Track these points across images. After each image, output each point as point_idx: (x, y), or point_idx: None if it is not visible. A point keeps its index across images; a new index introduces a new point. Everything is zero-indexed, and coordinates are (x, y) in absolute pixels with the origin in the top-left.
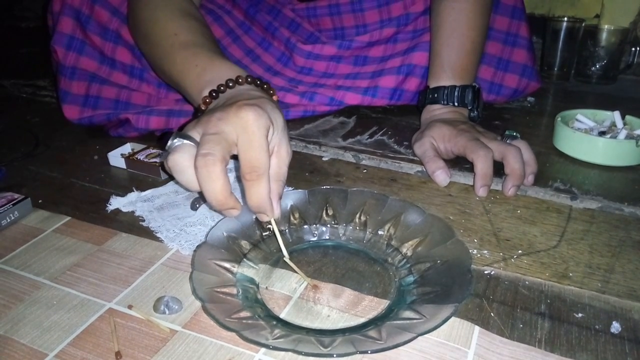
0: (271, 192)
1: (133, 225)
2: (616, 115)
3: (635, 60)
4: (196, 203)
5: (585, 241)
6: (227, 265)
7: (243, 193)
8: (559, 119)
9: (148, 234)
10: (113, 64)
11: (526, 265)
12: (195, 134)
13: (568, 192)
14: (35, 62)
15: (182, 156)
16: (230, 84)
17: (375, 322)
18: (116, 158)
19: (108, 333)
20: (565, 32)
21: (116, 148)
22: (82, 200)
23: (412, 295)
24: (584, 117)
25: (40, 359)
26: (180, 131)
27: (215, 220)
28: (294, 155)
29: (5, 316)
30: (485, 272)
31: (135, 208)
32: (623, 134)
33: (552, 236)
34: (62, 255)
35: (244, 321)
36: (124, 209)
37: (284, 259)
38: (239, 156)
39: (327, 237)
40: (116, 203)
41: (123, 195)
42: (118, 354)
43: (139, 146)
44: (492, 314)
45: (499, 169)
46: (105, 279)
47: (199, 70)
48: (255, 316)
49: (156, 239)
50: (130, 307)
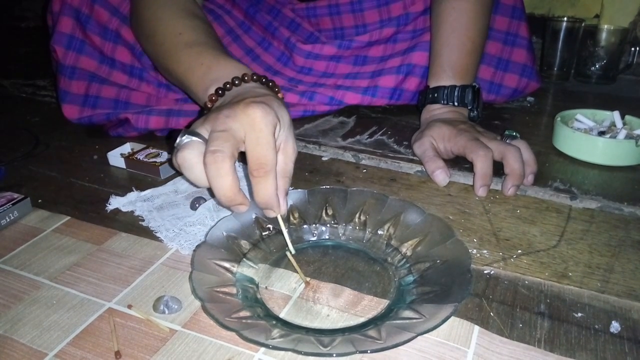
0: (278, 189)
1: (132, 225)
2: (616, 115)
3: (635, 60)
4: (196, 203)
5: (585, 241)
6: (227, 264)
7: (250, 189)
8: (559, 118)
9: (147, 233)
10: (113, 63)
11: (526, 265)
12: (204, 131)
13: (568, 192)
14: (35, 62)
15: (191, 153)
16: (237, 82)
17: (374, 322)
18: (116, 158)
19: (108, 333)
20: (565, 32)
21: (116, 148)
22: (82, 200)
23: (412, 295)
24: (584, 117)
25: (40, 359)
26: (189, 128)
27: (215, 220)
28: None
29: (4, 316)
30: (485, 272)
31: (134, 208)
32: (622, 134)
33: (552, 236)
34: (62, 255)
35: (244, 321)
36: (124, 209)
37: (286, 254)
38: (247, 153)
39: (327, 237)
40: (116, 203)
41: (123, 195)
42: (118, 354)
43: (138, 146)
44: (492, 313)
45: (498, 169)
46: (104, 278)
47: (205, 69)
48: (254, 316)
49: (156, 238)
50: (129, 307)
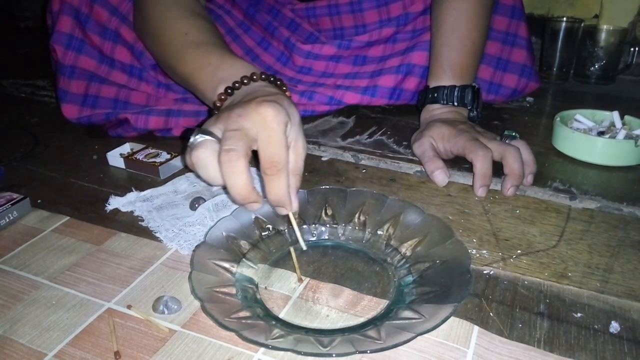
0: (289, 187)
1: (132, 225)
2: (615, 115)
3: (634, 60)
4: (195, 203)
5: (584, 241)
6: (226, 265)
7: (262, 188)
8: (558, 119)
9: (147, 233)
10: (112, 63)
11: (525, 265)
12: (217, 130)
13: (567, 192)
14: (34, 62)
15: (205, 152)
16: (245, 81)
17: (374, 322)
18: (115, 158)
19: (107, 333)
20: (565, 33)
21: (115, 148)
22: (81, 200)
23: (411, 295)
24: (583, 117)
25: (39, 359)
26: (201, 127)
27: (214, 220)
28: None
29: (4, 316)
30: (485, 272)
31: (134, 208)
32: (622, 134)
33: (551, 236)
34: (61, 255)
35: (243, 321)
36: (123, 209)
37: (290, 249)
38: (259, 152)
39: (327, 237)
40: (115, 203)
41: (122, 195)
42: (117, 354)
43: (138, 146)
44: (491, 313)
45: (498, 169)
46: (104, 278)
47: (212, 69)
48: (254, 316)
49: (155, 238)
50: (129, 307)
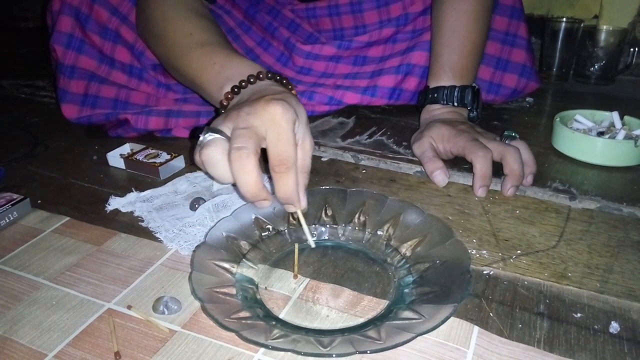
0: (298, 184)
1: (132, 225)
2: (615, 115)
3: (634, 60)
4: (195, 203)
5: (584, 241)
6: (227, 265)
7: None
8: (558, 119)
9: (147, 234)
10: (112, 63)
11: (525, 266)
12: (226, 129)
13: (567, 193)
14: (34, 63)
15: (215, 150)
16: (252, 80)
17: (374, 322)
18: (115, 158)
19: (107, 333)
20: (564, 33)
21: (115, 148)
22: (81, 200)
23: (411, 296)
24: (583, 118)
25: None
26: (209, 126)
27: (214, 221)
28: None
29: (4, 316)
30: (484, 272)
31: (134, 208)
32: (622, 135)
33: (551, 236)
34: (61, 255)
35: (243, 321)
36: (123, 209)
37: (294, 245)
38: (268, 149)
39: (327, 238)
40: (115, 203)
41: (122, 195)
42: (117, 354)
43: (138, 146)
44: (491, 314)
45: (498, 170)
46: (104, 279)
47: (218, 68)
48: (254, 316)
49: (155, 239)
50: (129, 308)
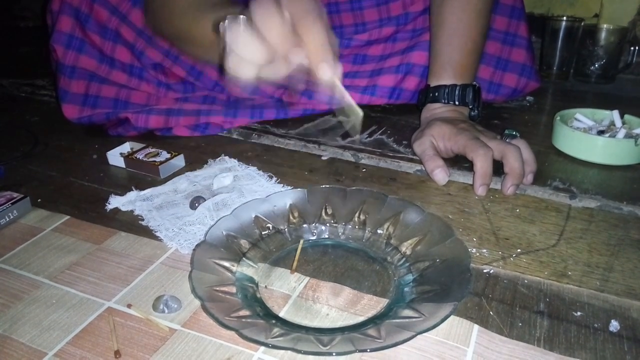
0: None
1: (132, 224)
2: (615, 114)
3: (634, 59)
4: (195, 202)
5: (584, 240)
6: (227, 264)
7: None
8: (558, 118)
9: (147, 233)
10: (112, 62)
11: (525, 264)
12: (246, 14)
13: (567, 191)
14: (34, 62)
15: (240, 27)
16: None
17: (374, 321)
18: (115, 157)
19: (107, 332)
20: (565, 32)
21: (115, 147)
22: (81, 199)
23: (411, 294)
24: (583, 116)
25: (40, 358)
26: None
27: (214, 220)
28: (293, 155)
29: (4, 315)
30: (484, 271)
31: (134, 207)
32: (622, 133)
33: (551, 235)
34: (61, 254)
35: (243, 320)
36: (123, 208)
37: (300, 243)
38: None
39: (327, 236)
40: (115, 202)
41: (122, 194)
42: (117, 353)
43: (138, 145)
44: (491, 312)
45: (498, 168)
46: (104, 278)
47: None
48: (254, 315)
49: (155, 238)
50: (129, 306)
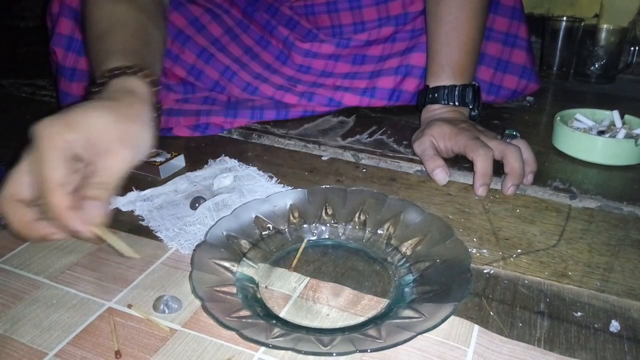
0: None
1: (132, 224)
2: (615, 114)
3: (634, 59)
4: (195, 202)
5: (585, 240)
6: (227, 264)
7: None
8: (558, 118)
9: (147, 233)
10: None
11: (525, 264)
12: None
13: (567, 192)
14: (34, 62)
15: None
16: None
17: (374, 321)
18: None
19: (108, 332)
20: (564, 32)
21: None
22: None
23: (412, 294)
24: (583, 117)
25: (40, 358)
26: None
27: (215, 220)
28: (293, 155)
29: (4, 315)
30: (485, 271)
31: (134, 207)
32: (622, 133)
33: (552, 235)
34: (62, 254)
35: (244, 320)
36: (124, 208)
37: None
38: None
39: (327, 236)
40: (115, 202)
41: (122, 194)
42: (118, 353)
43: None
44: (492, 312)
45: (498, 168)
46: (104, 278)
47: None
48: (254, 315)
49: (156, 238)
50: (129, 306)
